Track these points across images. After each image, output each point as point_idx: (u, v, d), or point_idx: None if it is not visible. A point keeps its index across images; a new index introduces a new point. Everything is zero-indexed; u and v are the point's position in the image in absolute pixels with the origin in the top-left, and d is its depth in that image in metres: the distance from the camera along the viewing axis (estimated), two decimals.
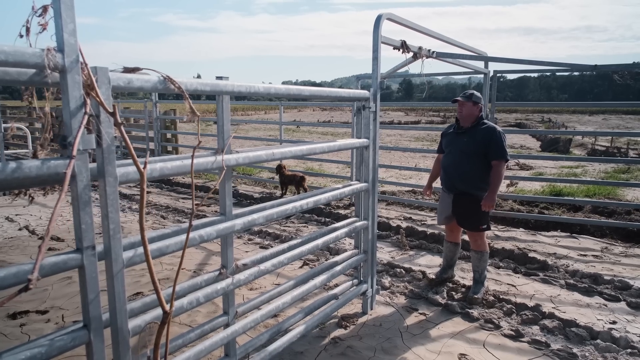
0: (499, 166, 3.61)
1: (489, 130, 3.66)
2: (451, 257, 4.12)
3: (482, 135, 3.65)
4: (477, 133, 3.68)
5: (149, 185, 8.66)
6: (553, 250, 4.99)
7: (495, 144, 3.60)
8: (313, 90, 2.62)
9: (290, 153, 2.48)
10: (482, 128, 3.70)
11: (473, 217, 3.73)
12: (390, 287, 4.00)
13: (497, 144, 3.60)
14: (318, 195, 2.80)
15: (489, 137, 3.62)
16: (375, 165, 3.37)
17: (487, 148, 3.62)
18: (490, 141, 3.61)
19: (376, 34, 3.24)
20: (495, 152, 3.61)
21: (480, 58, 4.66)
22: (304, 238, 2.85)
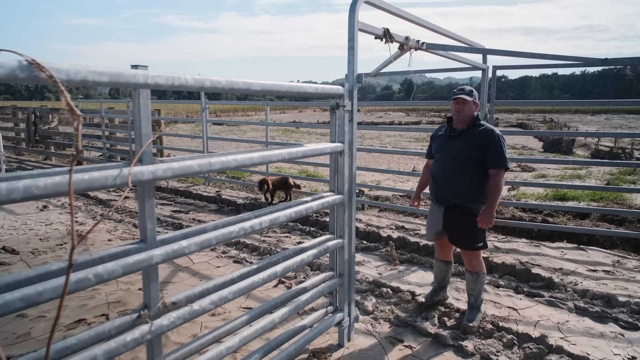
0: (497, 175, 3.09)
1: (487, 133, 3.14)
2: (443, 277, 3.61)
3: (478, 138, 3.13)
4: (473, 136, 3.16)
5: (123, 189, 8.16)
6: (559, 265, 4.48)
7: (494, 149, 3.09)
8: (267, 85, 2.13)
9: (235, 162, 1.99)
10: (478, 130, 3.17)
11: (467, 233, 3.22)
12: (373, 312, 3.50)
13: (495, 149, 3.09)
14: (277, 212, 2.31)
15: (487, 141, 3.10)
16: (352, 174, 2.87)
17: (484, 154, 3.10)
18: (487, 146, 3.09)
19: (352, 20, 2.74)
20: (493, 159, 3.09)
21: (477, 50, 4.16)
22: (260, 263, 2.36)
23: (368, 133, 28.31)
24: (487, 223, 3.08)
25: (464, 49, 3.81)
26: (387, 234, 5.40)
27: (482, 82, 5.21)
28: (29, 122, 11.73)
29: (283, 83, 2.25)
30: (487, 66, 5.14)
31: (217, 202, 7.18)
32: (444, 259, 3.59)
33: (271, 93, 2.18)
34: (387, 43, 3.12)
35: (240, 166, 2.05)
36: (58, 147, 11.77)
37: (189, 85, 1.77)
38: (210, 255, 4.78)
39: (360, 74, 2.82)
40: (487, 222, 3.08)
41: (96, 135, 10.33)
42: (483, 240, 3.26)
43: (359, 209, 6.85)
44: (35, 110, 11.75)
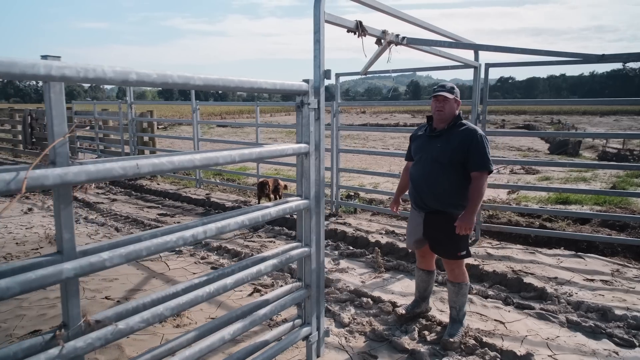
0: (480, 179, 2.88)
1: (469, 134, 2.93)
2: (424, 287, 3.38)
3: (459, 139, 2.93)
4: (454, 136, 2.95)
5: (115, 192, 8.03)
6: (554, 274, 4.23)
7: (476, 150, 2.88)
8: (211, 80, 1.92)
9: (171, 164, 1.79)
10: (460, 131, 2.96)
11: (449, 241, 2.99)
12: (349, 324, 3.28)
13: (478, 150, 2.88)
14: (227, 219, 2.10)
15: (469, 142, 2.90)
16: (320, 178, 2.66)
17: (465, 155, 2.89)
18: (469, 147, 2.89)
19: (317, 11, 2.54)
20: (475, 162, 2.88)
21: (466, 45, 3.92)
22: (210, 275, 2.16)
23: (372, 135, 28.06)
24: (466, 229, 2.85)
25: (449, 44, 3.58)
26: (376, 239, 5.17)
27: (474, 81, 4.98)
28: (25, 124, 11.66)
29: (232, 78, 2.05)
30: (479, 63, 4.91)
31: (205, 205, 7.00)
32: (426, 268, 3.36)
33: (216, 88, 1.97)
34: (360, 37, 2.91)
35: (177, 169, 1.85)
36: None
37: (108, 79, 1.57)
38: (189, 260, 4.59)
39: (328, 70, 2.61)
40: (465, 228, 2.85)
41: (90, 137, 10.22)
42: (466, 249, 3.03)
43: (351, 213, 6.63)
44: (31, 112, 11.68)
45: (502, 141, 23.17)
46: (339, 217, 6.23)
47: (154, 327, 3.12)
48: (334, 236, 5.43)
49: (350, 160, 14.42)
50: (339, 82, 6.30)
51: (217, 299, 3.66)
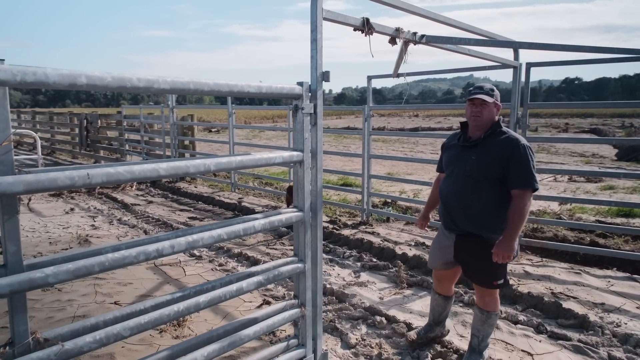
0: (522, 198, 2.46)
1: (510, 144, 2.52)
2: (440, 312, 3.04)
3: (498, 150, 2.53)
4: (492, 147, 2.56)
5: (154, 194, 8.22)
6: (601, 299, 3.75)
7: (518, 164, 2.48)
8: (178, 83, 1.78)
9: (129, 174, 1.66)
10: (499, 140, 2.56)
11: (484, 268, 2.62)
12: (356, 346, 3.03)
13: (520, 164, 2.48)
14: (202, 232, 1.95)
15: (509, 154, 2.49)
16: (317, 188, 2.46)
17: (505, 170, 2.50)
18: (510, 160, 2.49)
19: (314, 8, 2.35)
20: (516, 178, 2.48)
21: (493, 43, 3.54)
22: (184, 291, 2.02)
23: (422, 140, 27.26)
24: (504, 256, 2.46)
25: (475, 41, 3.25)
26: (403, 251, 4.87)
27: (513, 82, 4.55)
28: (81, 127, 12.33)
29: (206, 81, 1.89)
30: (519, 63, 4.48)
31: (236, 209, 6.98)
32: (443, 292, 3.01)
33: (187, 92, 1.83)
34: (367, 35, 2.67)
35: (137, 179, 1.72)
36: (106, 150, 12.26)
37: (52, 82, 1.47)
38: (206, 267, 4.53)
39: (327, 71, 2.40)
40: (503, 256, 2.46)
41: (136, 140, 10.61)
42: (504, 277, 2.64)
43: (383, 221, 6.34)
44: (86, 116, 12.34)
45: (564, 146, 21.67)
46: (369, 226, 5.96)
47: (152, 337, 3.05)
48: (359, 246, 5.18)
49: (396, 166, 13.93)
50: (371, 85, 6.04)
51: (223, 309, 3.55)
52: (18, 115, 18.38)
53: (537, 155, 16.85)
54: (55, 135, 14.77)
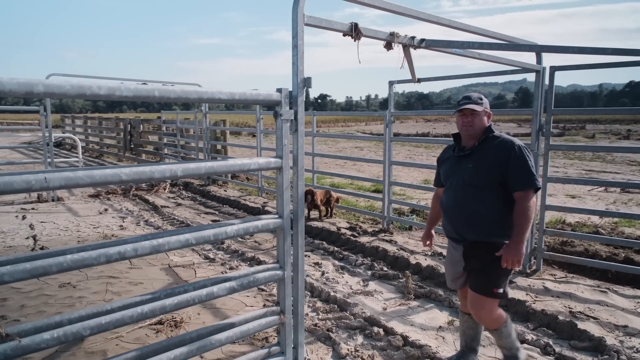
0: (525, 199, 2.40)
1: (506, 146, 2.48)
2: (472, 335, 2.82)
3: (495, 154, 2.48)
4: (488, 152, 2.51)
5: (182, 197, 8.48)
6: (625, 321, 3.46)
7: (516, 165, 2.42)
8: (142, 90, 1.81)
9: (89, 178, 1.70)
10: (494, 144, 2.52)
11: (487, 272, 2.51)
12: (345, 357, 2.97)
13: (518, 165, 2.42)
14: (162, 238, 1.98)
15: (506, 157, 2.45)
16: (297, 195, 2.43)
17: (504, 174, 2.44)
18: (508, 162, 2.44)
19: (295, 14, 2.33)
20: (517, 179, 2.42)
21: (506, 46, 3.36)
22: (156, 293, 2.06)
23: None
24: (513, 262, 2.36)
25: (479, 45, 3.11)
26: (417, 261, 4.73)
27: (535, 87, 4.32)
28: (125, 132, 12.97)
29: (173, 89, 1.92)
30: (542, 67, 4.24)
31: (259, 213, 7.06)
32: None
33: (152, 99, 1.87)
34: (356, 40, 2.63)
35: (98, 183, 1.76)
36: (147, 154, 12.81)
37: (7, 91, 1.52)
38: (218, 269, 4.60)
39: (308, 77, 2.38)
40: (513, 261, 2.36)
41: (174, 145, 11.01)
42: (504, 287, 2.51)
43: (405, 230, 6.19)
44: (130, 121, 12.97)
45: (622, 154, 20.30)
46: (388, 234, 5.84)
47: (147, 337, 3.12)
48: (374, 254, 5.09)
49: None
50: (392, 91, 5.94)
51: (224, 312, 3.58)
52: (72, 120, 19.62)
53: (591, 164, 15.93)
54: (103, 139, 15.63)
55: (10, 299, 3.70)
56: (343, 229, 6.02)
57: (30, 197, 7.94)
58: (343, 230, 5.99)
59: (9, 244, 5.31)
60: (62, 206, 7.49)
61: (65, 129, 19.32)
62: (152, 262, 4.74)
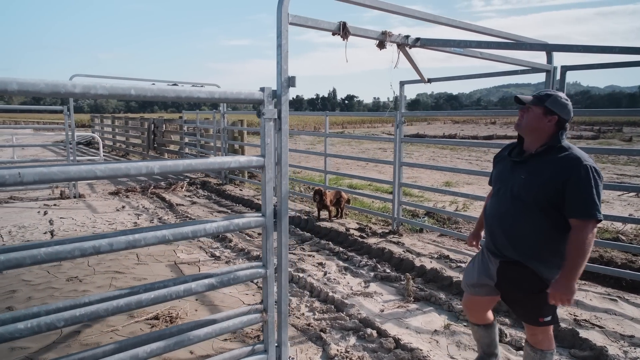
0: (582, 230, 2.05)
1: (570, 163, 2.11)
2: (487, 342, 2.65)
3: (554, 170, 2.13)
4: (547, 165, 2.17)
5: (198, 195, 8.62)
6: (632, 331, 3.31)
7: (577, 188, 2.06)
8: (120, 90, 1.86)
9: (64, 174, 1.75)
10: (557, 157, 2.15)
11: (528, 302, 2.26)
12: (334, 358, 2.95)
13: (580, 189, 2.06)
14: (139, 234, 2.01)
15: (567, 176, 2.08)
16: (281, 194, 2.44)
17: (561, 194, 2.10)
18: (567, 182, 2.07)
19: (280, 13, 2.34)
20: (575, 204, 2.07)
21: (517, 46, 3.26)
22: (135, 288, 2.10)
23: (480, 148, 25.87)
24: (562, 300, 2.08)
25: (477, 43, 3.04)
26: (422, 263, 4.65)
27: (546, 87, 4.18)
28: (149, 132, 13.30)
29: (150, 87, 1.96)
30: (552, 67, 4.11)
31: None
32: (481, 322, 2.63)
33: (128, 97, 1.91)
34: (345, 39, 2.62)
35: (72, 179, 1.83)
36: (170, 153, 13.09)
37: None
38: (222, 268, 4.65)
39: (293, 76, 2.39)
40: (562, 299, 2.08)
41: (193, 144, 11.22)
42: (552, 314, 2.25)
43: (417, 232, 6.11)
44: (154, 121, 13.29)
45: None
46: (397, 236, 5.78)
47: (141, 331, 3.19)
48: (380, 256, 5.04)
49: (457, 175, 13.34)
50: (403, 91, 5.87)
51: (221, 309, 3.62)
52: (101, 120, 20.28)
53: (624, 168, 15.22)
54: (129, 139, 16.08)
55: (19, 290, 3.86)
56: (352, 230, 5.99)
57: (54, 194, 8.24)
58: (352, 231, 5.96)
59: (27, 238, 5.52)
60: (82, 203, 7.74)
61: (94, 129, 19.99)
62: (159, 258, 4.84)
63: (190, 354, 2.94)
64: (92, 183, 9.66)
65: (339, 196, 6.62)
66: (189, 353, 2.94)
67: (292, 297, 3.94)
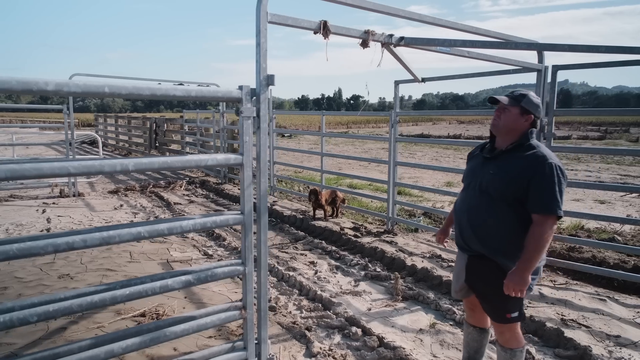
0: (542, 225, 2.12)
1: (536, 160, 2.17)
2: (475, 348, 2.64)
3: (521, 166, 2.19)
4: (514, 162, 2.23)
5: (196, 194, 8.66)
6: (619, 331, 3.30)
7: (541, 185, 2.13)
8: (93, 87, 1.88)
9: (35, 171, 1.78)
10: (525, 155, 2.22)
11: (495, 297, 2.28)
12: (317, 355, 2.96)
13: (543, 185, 2.13)
14: (113, 230, 2.03)
15: (532, 173, 2.15)
16: (260, 192, 2.46)
17: (525, 190, 2.16)
18: (532, 179, 2.14)
19: (259, 11, 2.36)
20: (538, 200, 2.14)
21: (504, 45, 3.25)
22: (112, 284, 2.12)
23: None
24: (516, 289, 2.12)
25: (462, 42, 3.04)
26: (413, 262, 4.66)
27: (537, 87, 4.17)
28: (151, 131, 13.37)
29: (125, 85, 1.98)
30: (543, 66, 4.10)
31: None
32: (477, 324, 2.62)
33: (102, 95, 1.93)
34: (326, 38, 2.63)
35: (45, 176, 1.85)
36: (171, 152, 13.16)
37: None
38: None
39: (271, 75, 2.40)
40: (515, 289, 2.12)
41: (193, 143, 11.27)
42: (518, 309, 2.29)
43: (411, 231, 6.10)
44: (155, 120, 13.36)
45: None
46: (390, 235, 5.78)
47: (127, 328, 3.21)
48: (372, 255, 5.04)
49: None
50: (398, 91, 5.87)
51: (206, 305, 3.64)
52: (105, 119, 20.42)
53: (629, 169, 15.09)
54: (132, 138, 16.17)
55: (11, 287, 3.90)
56: (346, 229, 6.00)
57: (53, 192, 8.32)
58: (346, 230, 5.96)
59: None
60: (81, 201, 7.80)
61: (98, 128, 20.14)
62: (152, 256, 4.88)
63: (173, 350, 2.96)
64: (92, 182, 9.74)
65: (335, 196, 6.63)
66: (173, 350, 2.96)
67: (280, 296, 3.95)
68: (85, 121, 38.79)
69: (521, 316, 2.32)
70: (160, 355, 2.88)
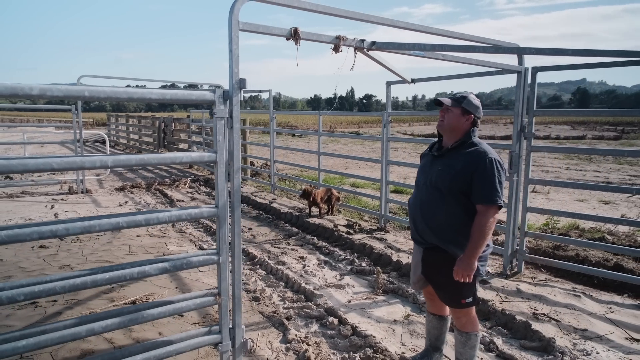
0: (484, 214, 2.34)
1: (477, 156, 2.40)
2: (436, 335, 2.82)
3: (464, 162, 2.41)
4: (458, 158, 2.45)
5: (199, 192, 8.91)
6: (587, 325, 3.41)
7: (482, 178, 2.36)
8: (74, 91, 2.10)
9: (21, 167, 2.01)
10: (467, 151, 2.45)
11: (449, 285, 2.47)
12: (291, 342, 3.15)
13: (484, 178, 2.35)
14: (94, 220, 2.25)
15: (474, 167, 2.37)
16: (234, 187, 2.66)
17: (469, 183, 2.39)
18: (474, 172, 2.37)
19: (230, 20, 2.55)
20: (479, 192, 2.36)
21: (476, 49, 3.39)
22: (94, 269, 2.34)
23: None
24: (464, 276, 2.34)
25: (440, 47, 3.18)
26: (399, 258, 4.81)
27: (517, 89, 4.29)
28: (159, 130, 13.70)
29: (103, 89, 2.18)
30: (523, 68, 4.22)
31: (265, 209, 7.34)
32: (436, 312, 2.80)
33: (82, 99, 2.14)
34: (298, 44, 2.81)
35: (30, 171, 2.06)
36: (178, 151, 13.48)
37: None
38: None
39: (243, 79, 2.59)
40: (463, 275, 2.34)
41: (199, 142, 11.55)
42: (472, 295, 2.50)
43: (404, 229, 6.25)
44: (164, 120, 13.69)
45: None
46: (381, 232, 5.94)
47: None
48: (361, 251, 5.21)
49: None
50: (390, 92, 6.02)
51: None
52: (116, 119, 20.90)
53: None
54: (142, 137, 16.57)
55: (15, 276, 4.17)
56: (340, 226, 6.17)
57: (62, 189, 8.65)
58: (339, 227, 6.13)
59: None
60: (89, 198, 8.11)
61: (111, 127, 20.63)
62: (149, 250, 5.11)
63: (159, 335, 3.17)
64: (100, 179, 10.07)
65: (330, 194, 6.80)
66: (158, 334, 3.18)
67: (266, 287, 4.15)
68: (100, 120, 39.58)
69: (475, 301, 2.51)
70: (145, 338, 3.10)
